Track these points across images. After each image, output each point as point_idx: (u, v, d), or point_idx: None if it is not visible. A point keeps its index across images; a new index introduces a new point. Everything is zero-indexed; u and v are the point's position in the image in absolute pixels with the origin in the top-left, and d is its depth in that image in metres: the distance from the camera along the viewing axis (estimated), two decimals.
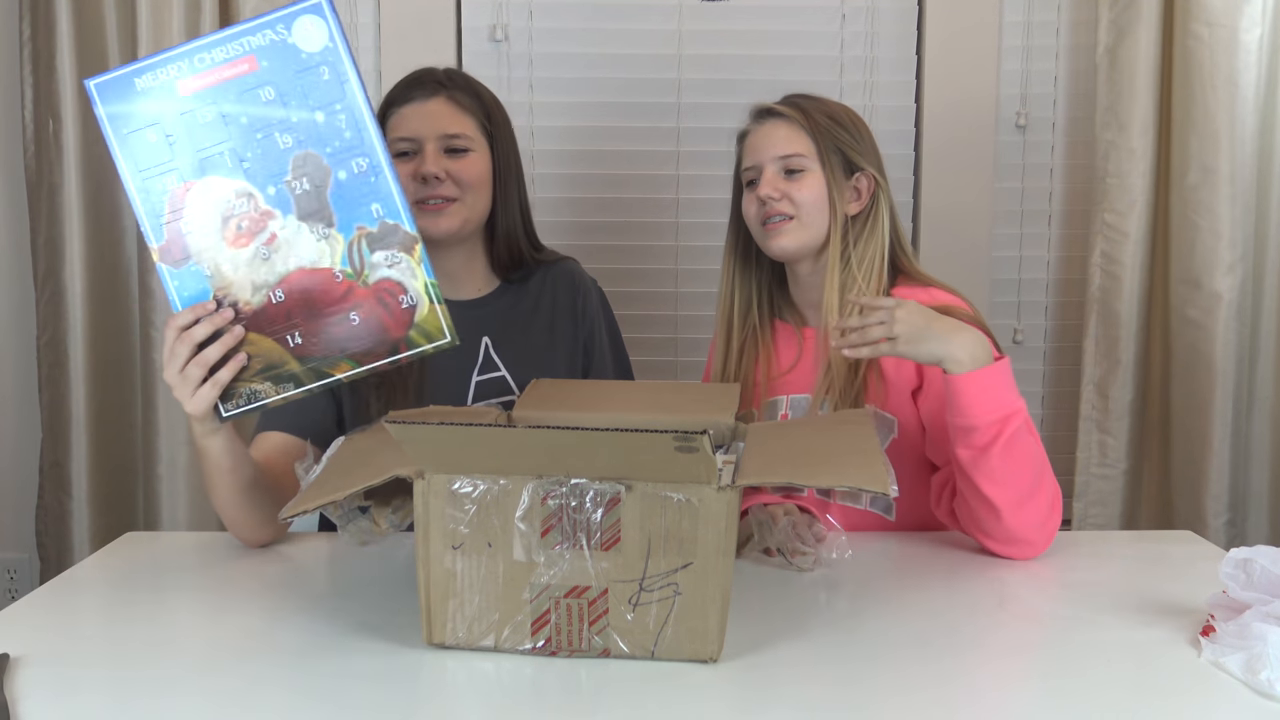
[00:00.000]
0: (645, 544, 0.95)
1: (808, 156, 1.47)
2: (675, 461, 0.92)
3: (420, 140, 1.47)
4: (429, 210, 1.47)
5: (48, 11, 2.05)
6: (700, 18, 2.24)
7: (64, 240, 2.09)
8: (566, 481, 0.95)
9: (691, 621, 0.96)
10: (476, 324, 1.53)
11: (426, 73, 1.52)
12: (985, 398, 1.25)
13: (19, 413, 2.23)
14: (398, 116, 1.49)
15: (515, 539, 0.96)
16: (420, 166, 1.46)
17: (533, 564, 0.96)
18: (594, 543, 0.95)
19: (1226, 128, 2.03)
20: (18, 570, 2.28)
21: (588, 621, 0.97)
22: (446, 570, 0.98)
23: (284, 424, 1.43)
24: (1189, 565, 1.28)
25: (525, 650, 0.98)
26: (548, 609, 0.97)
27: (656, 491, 0.94)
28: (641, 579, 0.95)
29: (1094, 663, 0.99)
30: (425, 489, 0.97)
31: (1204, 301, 2.07)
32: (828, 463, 1.03)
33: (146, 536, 1.47)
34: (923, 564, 1.30)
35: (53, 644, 1.03)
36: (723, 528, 0.95)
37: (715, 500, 0.94)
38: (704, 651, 0.97)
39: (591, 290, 1.65)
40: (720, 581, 0.95)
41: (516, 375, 1.53)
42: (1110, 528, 2.17)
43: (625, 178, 2.26)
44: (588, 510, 0.95)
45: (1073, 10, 2.26)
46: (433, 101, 1.49)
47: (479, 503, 0.96)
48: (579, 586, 0.96)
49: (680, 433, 0.89)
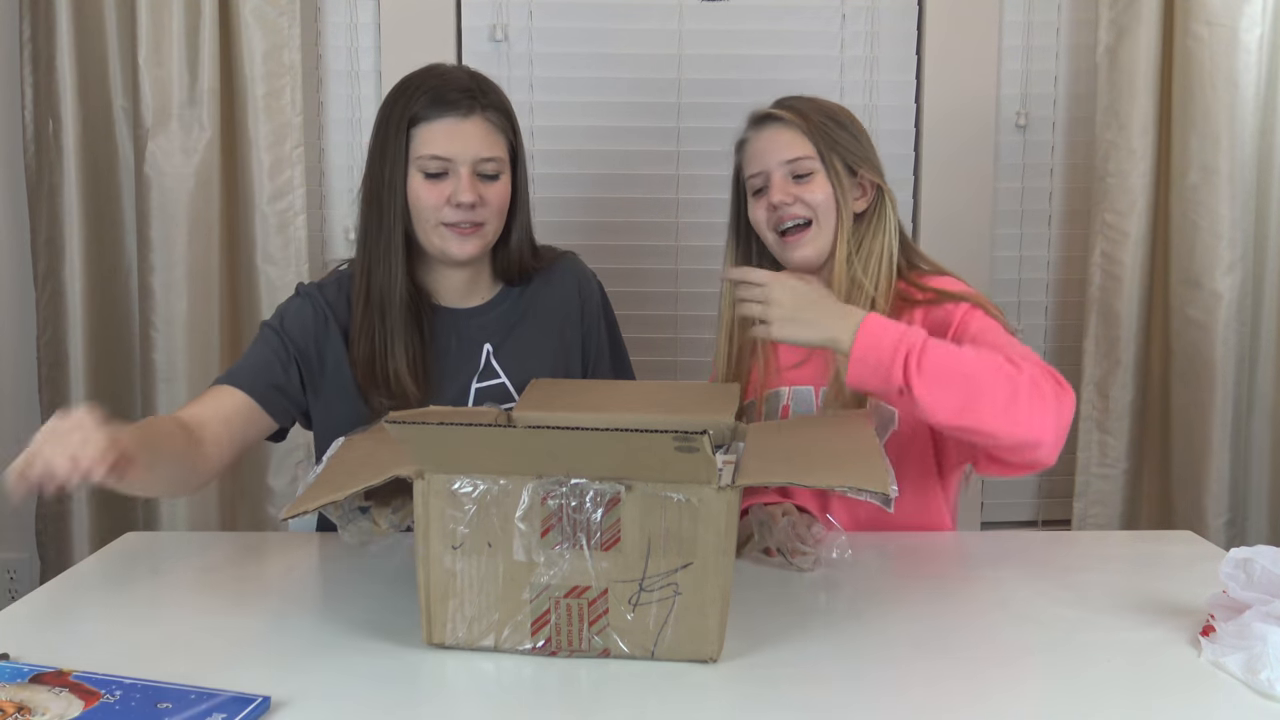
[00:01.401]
0: (645, 544, 0.95)
1: (812, 158, 1.47)
2: (675, 461, 0.92)
3: (454, 162, 1.43)
4: (458, 234, 1.45)
5: (48, 11, 2.05)
6: (700, 18, 2.24)
7: (64, 240, 2.09)
8: (566, 481, 0.95)
9: (691, 621, 0.96)
10: (479, 331, 1.53)
11: (455, 81, 1.46)
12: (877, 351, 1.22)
13: (19, 413, 2.23)
14: (429, 131, 1.43)
15: (515, 539, 0.96)
16: (456, 193, 1.43)
17: (533, 564, 0.96)
18: (594, 543, 0.95)
19: (1226, 128, 2.03)
20: (18, 570, 2.28)
21: (588, 621, 0.97)
22: (446, 570, 0.98)
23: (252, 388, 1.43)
24: (1189, 565, 1.28)
25: (525, 650, 0.98)
26: (547, 609, 0.97)
27: (656, 491, 0.94)
28: (641, 579, 0.96)
29: (1094, 663, 0.99)
30: (425, 489, 0.97)
31: (1204, 301, 2.07)
32: (827, 463, 1.03)
33: (146, 536, 1.47)
34: (923, 564, 1.30)
35: (53, 644, 1.03)
36: (723, 528, 0.95)
37: (715, 500, 0.94)
38: (704, 651, 0.97)
39: (593, 286, 1.64)
40: (720, 582, 0.95)
41: (516, 382, 1.52)
42: (1110, 528, 2.17)
43: (625, 178, 2.26)
44: (587, 510, 0.95)
45: (1073, 10, 2.26)
46: (469, 122, 1.43)
47: (479, 503, 0.96)
48: (579, 586, 0.96)
49: (680, 433, 0.90)
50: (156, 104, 2.03)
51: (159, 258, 2.06)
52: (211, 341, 2.09)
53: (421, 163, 1.43)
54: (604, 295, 1.66)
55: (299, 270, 2.09)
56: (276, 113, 2.07)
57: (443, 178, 1.43)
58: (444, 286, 1.53)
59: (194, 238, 2.06)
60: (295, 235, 2.09)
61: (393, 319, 1.46)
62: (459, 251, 1.46)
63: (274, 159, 2.07)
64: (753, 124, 1.53)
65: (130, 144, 2.11)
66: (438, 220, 1.44)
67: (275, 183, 2.08)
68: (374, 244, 1.47)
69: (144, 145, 2.04)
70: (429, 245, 1.47)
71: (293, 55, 2.07)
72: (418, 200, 1.44)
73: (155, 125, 2.04)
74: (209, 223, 2.07)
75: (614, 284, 1.88)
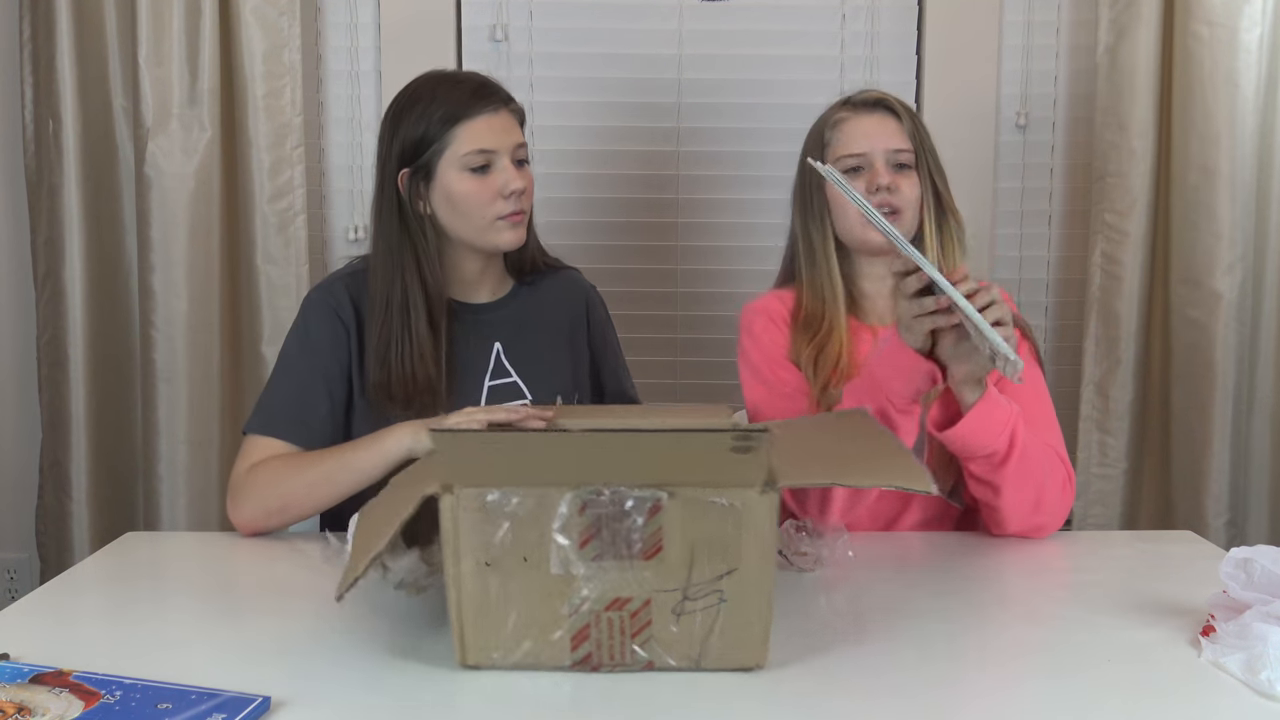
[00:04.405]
0: (688, 551, 0.92)
1: (911, 153, 1.49)
2: (725, 463, 0.90)
3: (497, 153, 1.44)
4: (511, 222, 1.46)
5: (48, 11, 2.05)
6: (700, 18, 2.24)
7: (64, 240, 2.09)
8: (606, 490, 0.91)
9: (737, 629, 0.94)
10: (489, 329, 1.54)
11: (475, 78, 1.49)
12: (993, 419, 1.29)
13: (19, 413, 2.23)
14: (471, 128, 1.44)
15: (553, 552, 0.92)
16: (507, 182, 1.44)
17: (571, 577, 0.93)
18: (635, 552, 0.92)
19: (1226, 128, 2.03)
20: (18, 570, 2.28)
21: (629, 634, 0.94)
22: (479, 588, 0.94)
23: (281, 430, 1.43)
24: (1189, 565, 1.28)
25: (565, 667, 0.95)
26: (587, 624, 0.94)
27: (699, 496, 0.92)
28: (685, 587, 0.93)
29: (1094, 663, 0.99)
30: (454, 504, 0.93)
31: (1204, 301, 2.07)
32: (864, 463, 1.03)
33: (146, 536, 1.47)
34: (922, 564, 1.30)
35: (53, 644, 1.03)
36: (766, 531, 0.93)
37: (759, 503, 0.92)
38: (750, 659, 0.95)
39: (598, 301, 1.66)
40: (765, 587, 0.93)
41: (528, 380, 1.52)
42: (1110, 528, 2.17)
43: (625, 178, 2.26)
44: (628, 519, 0.92)
45: (1073, 10, 2.25)
46: (502, 114, 1.46)
47: (513, 516, 0.93)
48: (620, 598, 0.93)
49: (740, 431, 0.88)
50: (156, 104, 2.03)
51: (159, 258, 2.06)
52: (211, 341, 2.09)
53: (468, 159, 1.43)
54: (606, 311, 1.68)
55: (299, 270, 2.09)
56: (276, 113, 2.07)
57: (485, 172, 1.44)
58: (458, 280, 1.53)
59: (194, 238, 2.06)
60: (295, 235, 2.09)
61: (418, 323, 1.44)
62: (514, 240, 1.47)
63: (274, 159, 2.07)
64: (858, 106, 1.52)
65: (130, 144, 2.11)
66: (494, 215, 1.45)
67: (275, 183, 2.08)
68: (399, 254, 1.46)
69: (144, 145, 2.04)
70: (478, 240, 1.47)
71: (293, 55, 2.07)
72: (469, 199, 1.44)
73: (155, 125, 2.04)
74: (209, 223, 2.07)
75: (613, 284, 1.88)
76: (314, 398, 1.45)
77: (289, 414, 1.44)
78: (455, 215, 1.46)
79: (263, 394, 1.49)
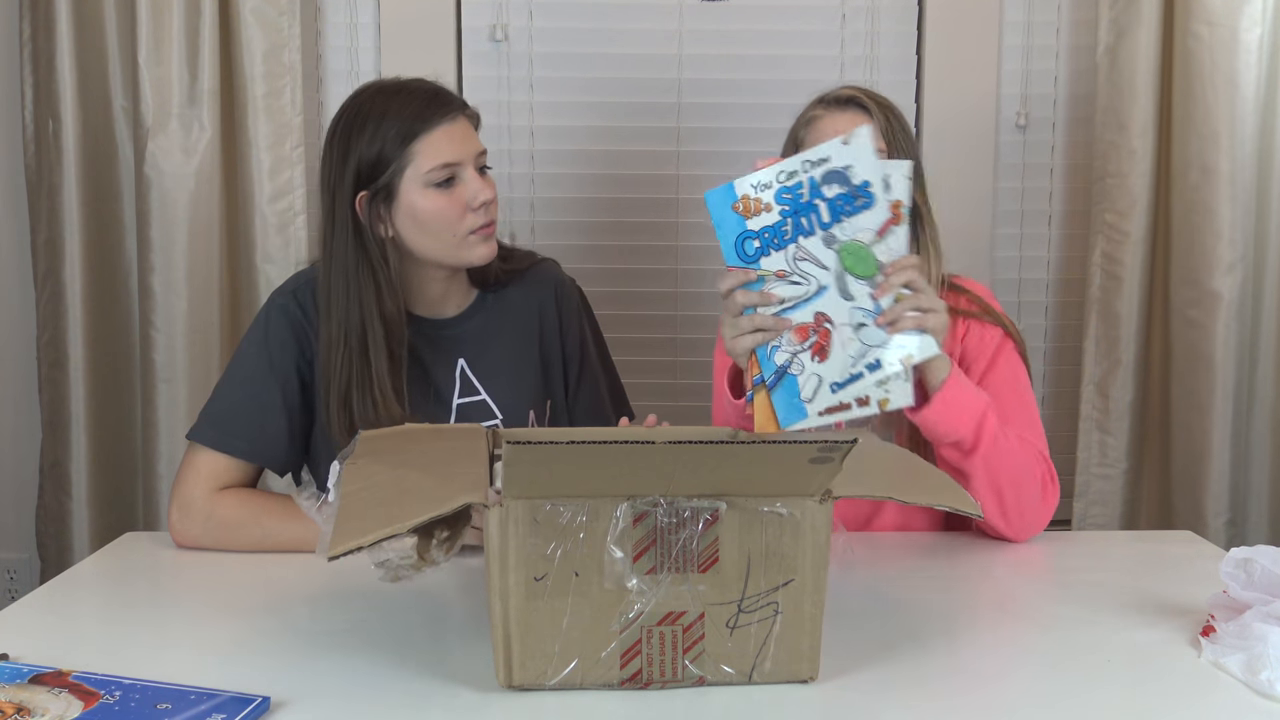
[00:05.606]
0: (744, 562, 0.91)
1: (884, 152, 1.48)
2: (795, 473, 0.88)
3: (461, 165, 1.37)
4: (483, 235, 1.39)
5: (48, 11, 2.05)
6: (700, 18, 2.24)
7: (64, 240, 2.09)
8: (662, 500, 0.89)
9: (791, 641, 0.92)
10: (451, 344, 1.47)
11: (425, 87, 1.40)
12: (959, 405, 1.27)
13: (19, 413, 2.23)
14: (427, 144, 1.35)
15: (606, 566, 0.89)
16: (475, 194, 1.37)
17: (624, 591, 0.90)
18: (690, 565, 0.90)
19: (1226, 128, 2.03)
20: (18, 570, 2.28)
21: (682, 649, 0.91)
22: (526, 604, 0.90)
23: (237, 449, 1.36)
24: (1189, 565, 1.28)
25: (614, 686, 0.92)
26: (638, 639, 0.91)
27: (756, 506, 0.90)
28: (740, 600, 0.91)
29: (1094, 663, 0.99)
30: (504, 516, 0.88)
31: (1204, 301, 2.07)
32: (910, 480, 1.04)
33: (146, 536, 1.47)
34: (922, 564, 1.30)
35: (53, 644, 1.02)
36: (823, 540, 0.92)
37: (818, 513, 0.91)
38: (803, 671, 0.94)
39: (572, 294, 1.57)
40: (818, 597, 0.92)
41: (495, 395, 1.47)
42: (1110, 528, 2.17)
43: (625, 178, 2.26)
44: (684, 530, 0.89)
45: (1073, 10, 2.25)
46: (460, 122, 1.38)
47: (565, 529, 0.89)
48: (673, 612, 0.90)
49: (824, 443, 0.85)
50: (156, 104, 2.03)
51: (159, 258, 2.06)
52: (211, 341, 2.08)
53: (432, 175, 1.35)
54: (584, 300, 1.60)
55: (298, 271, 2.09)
56: (276, 113, 2.07)
57: (450, 185, 1.37)
58: (421, 296, 1.45)
59: (194, 238, 2.06)
60: (295, 235, 2.09)
61: (379, 362, 1.36)
62: (487, 254, 1.40)
63: (274, 159, 2.07)
64: (829, 104, 1.51)
65: (130, 144, 2.11)
66: (465, 230, 1.38)
67: (275, 183, 2.08)
68: (355, 282, 1.37)
69: (144, 145, 2.04)
70: (448, 258, 1.40)
71: (293, 55, 2.07)
72: (438, 216, 1.36)
73: (155, 125, 2.04)
74: (209, 223, 2.07)
75: (612, 284, 1.88)
76: (269, 412, 1.38)
77: (240, 428, 1.37)
78: (423, 234, 1.38)
79: (213, 399, 1.41)
